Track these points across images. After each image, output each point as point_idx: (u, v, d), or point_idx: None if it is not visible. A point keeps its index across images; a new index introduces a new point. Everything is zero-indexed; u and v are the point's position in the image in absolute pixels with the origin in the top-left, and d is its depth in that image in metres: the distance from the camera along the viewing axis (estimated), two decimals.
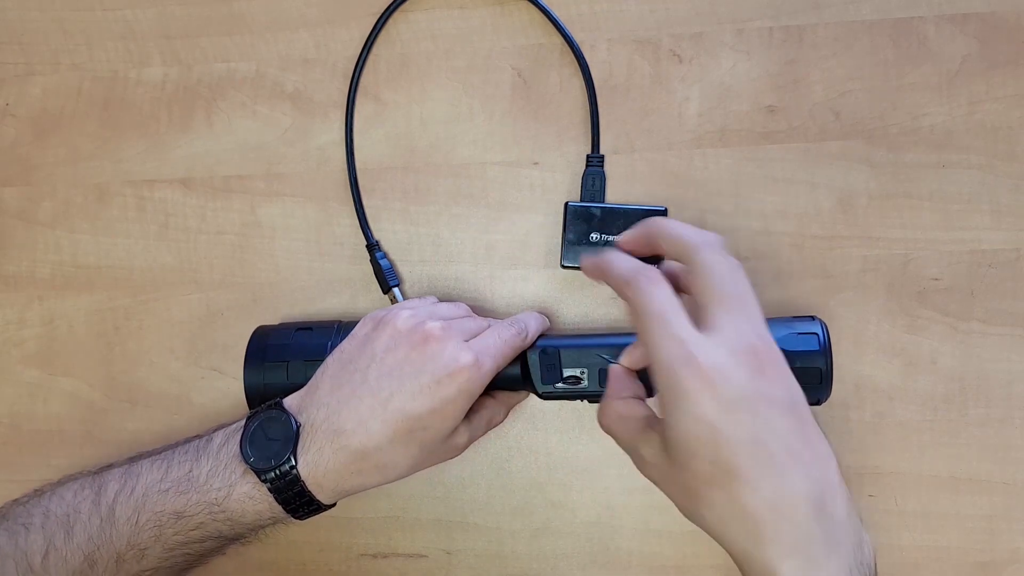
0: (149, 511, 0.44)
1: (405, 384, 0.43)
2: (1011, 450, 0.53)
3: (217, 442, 0.46)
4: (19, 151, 0.59)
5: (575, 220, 0.54)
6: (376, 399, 0.43)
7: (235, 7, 0.58)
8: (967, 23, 0.54)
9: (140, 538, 0.44)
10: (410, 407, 0.43)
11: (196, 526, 0.44)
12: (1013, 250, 0.53)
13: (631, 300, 0.37)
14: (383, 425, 0.43)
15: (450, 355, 0.44)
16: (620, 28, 0.56)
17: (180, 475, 0.45)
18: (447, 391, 0.43)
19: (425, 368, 0.44)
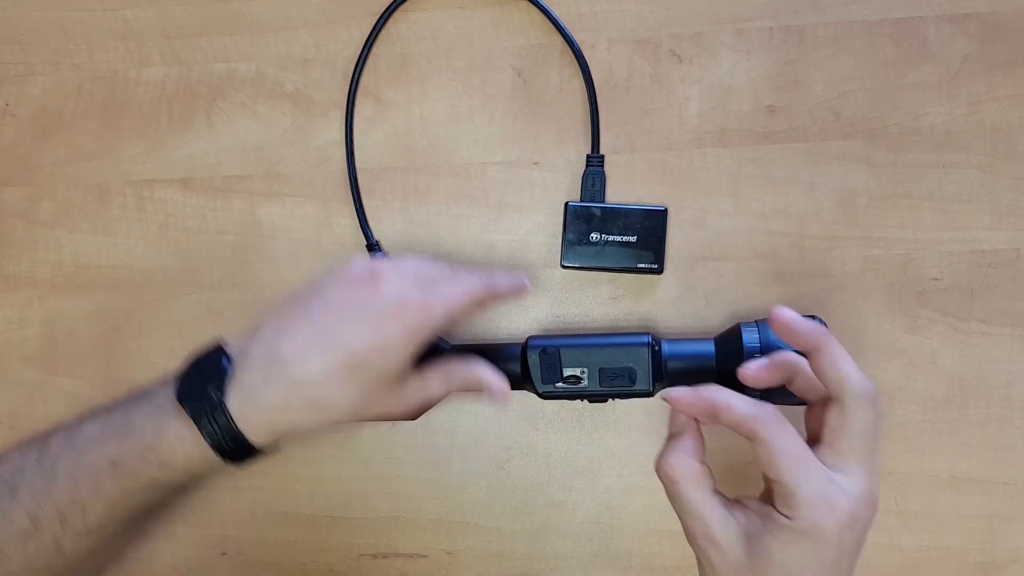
0: (87, 464, 0.42)
1: (347, 317, 0.41)
2: (1011, 450, 0.53)
3: (155, 387, 0.44)
4: (19, 151, 0.59)
5: (575, 220, 0.54)
6: (315, 330, 0.41)
7: (235, 7, 0.58)
8: (967, 23, 0.54)
9: (80, 493, 0.42)
10: (350, 339, 0.41)
11: (131, 474, 0.42)
12: (1013, 250, 0.53)
13: (762, 437, 0.37)
14: (320, 357, 0.41)
15: (397, 291, 0.42)
16: (620, 28, 0.56)
17: (118, 423, 0.43)
18: (390, 327, 0.41)
19: (370, 303, 0.42)
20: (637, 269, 0.53)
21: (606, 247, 0.53)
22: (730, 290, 0.54)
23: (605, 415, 0.55)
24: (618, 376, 0.48)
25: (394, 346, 0.42)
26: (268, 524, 0.56)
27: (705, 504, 0.39)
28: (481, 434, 0.56)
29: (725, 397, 0.39)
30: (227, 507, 0.56)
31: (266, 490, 0.56)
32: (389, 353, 0.42)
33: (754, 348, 0.47)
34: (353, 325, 0.41)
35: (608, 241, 0.53)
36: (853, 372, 0.38)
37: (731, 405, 0.38)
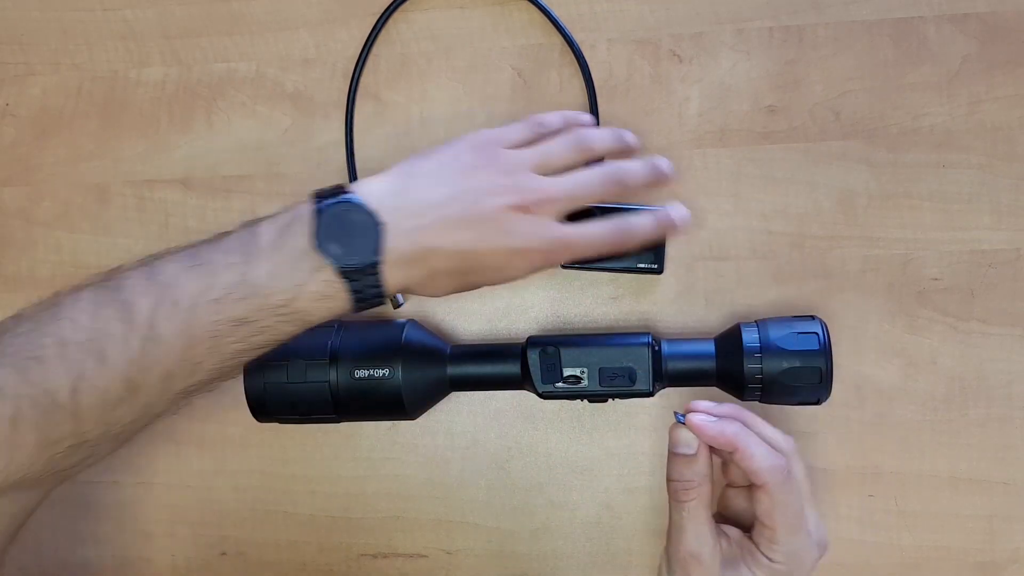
0: (203, 323, 0.41)
1: (491, 239, 0.43)
2: (1011, 450, 0.53)
3: (267, 238, 0.42)
4: (19, 151, 0.59)
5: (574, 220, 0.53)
6: (461, 233, 0.43)
7: (235, 7, 0.58)
8: (967, 23, 0.54)
9: (194, 352, 0.41)
10: (484, 252, 0.43)
11: (259, 331, 0.42)
12: (1013, 250, 0.53)
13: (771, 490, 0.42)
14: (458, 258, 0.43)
15: (538, 231, 0.44)
16: (620, 28, 0.56)
17: (232, 280, 0.41)
18: (518, 262, 0.44)
19: (513, 229, 0.43)
20: (637, 269, 0.53)
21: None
22: (730, 290, 0.54)
23: (605, 415, 0.55)
24: (618, 376, 0.48)
25: (512, 275, 0.45)
26: (268, 524, 0.56)
27: (702, 523, 0.43)
28: (481, 434, 0.56)
29: (748, 443, 0.42)
30: (227, 507, 0.56)
31: (266, 490, 0.56)
32: (505, 277, 0.45)
33: (754, 348, 0.47)
34: (493, 248, 0.43)
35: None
36: (765, 460, 0.42)
37: (753, 455, 0.42)
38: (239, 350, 0.42)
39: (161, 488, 0.57)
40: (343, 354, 0.49)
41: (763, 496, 0.42)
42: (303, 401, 0.49)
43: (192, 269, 0.41)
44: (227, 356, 0.42)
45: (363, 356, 0.49)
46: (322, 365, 0.49)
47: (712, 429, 0.43)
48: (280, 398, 0.49)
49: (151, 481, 0.57)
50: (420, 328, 0.52)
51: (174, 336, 0.40)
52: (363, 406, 0.50)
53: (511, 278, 0.45)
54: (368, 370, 0.49)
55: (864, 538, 0.53)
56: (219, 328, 0.41)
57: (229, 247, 0.42)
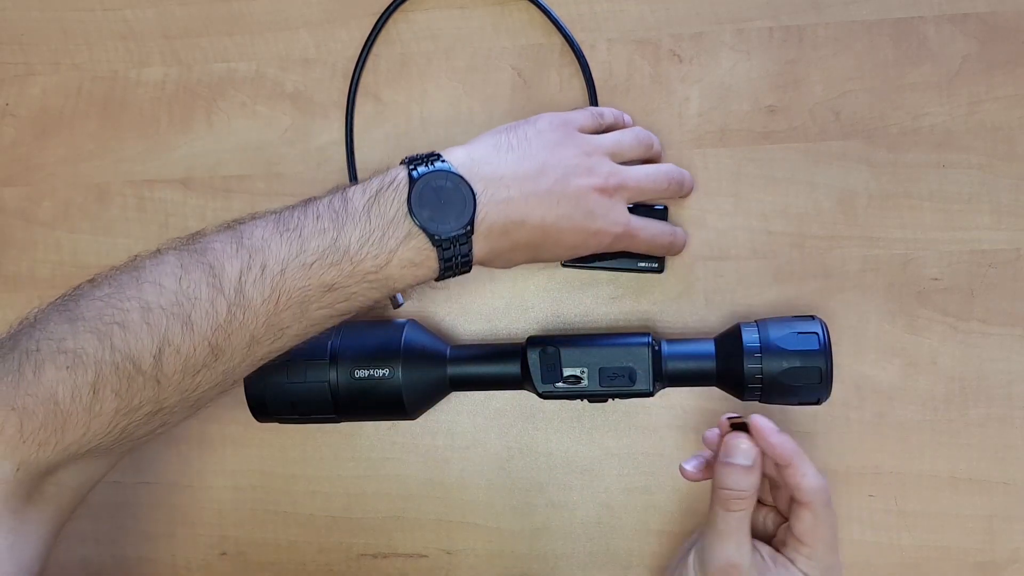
0: (292, 288, 0.41)
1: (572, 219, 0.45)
2: (1011, 450, 0.53)
3: (358, 205, 0.42)
4: (19, 151, 0.59)
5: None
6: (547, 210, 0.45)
7: (235, 7, 0.58)
8: (967, 23, 0.54)
9: (280, 317, 0.41)
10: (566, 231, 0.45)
11: (347, 297, 0.42)
12: (1013, 250, 0.53)
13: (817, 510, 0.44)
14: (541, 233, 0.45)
15: (612, 215, 0.47)
16: (620, 28, 0.56)
17: (323, 246, 0.41)
18: (591, 242, 0.47)
19: (593, 210, 0.46)
20: (637, 268, 0.54)
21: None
22: (730, 290, 0.54)
23: (605, 415, 0.55)
24: (618, 376, 0.48)
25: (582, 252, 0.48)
26: (268, 524, 0.56)
27: (745, 533, 0.44)
28: (481, 434, 0.56)
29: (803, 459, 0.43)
30: (227, 507, 0.56)
31: (266, 490, 0.56)
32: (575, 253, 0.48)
33: (754, 348, 0.47)
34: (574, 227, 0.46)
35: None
36: (816, 479, 0.43)
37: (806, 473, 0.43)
38: (324, 316, 0.42)
39: (161, 488, 0.57)
40: (343, 354, 0.49)
41: (806, 514, 0.43)
42: (303, 401, 0.49)
43: (282, 234, 0.41)
44: (312, 322, 0.42)
45: (363, 356, 0.49)
46: (322, 365, 0.49)
47: (777, 436, 0.43)
48: (280, 398, 0.49)
49: (151, 481, 0.57)
50: (420, 328, 0.52)
51: (261, 301, 0.40)
52: (363, 406, 0.50)
53: (578, 255, 0.48)
54: (368, 370, 0.49)
55: (864, 538, 0.53)
56: (307, 294, 0.41)
57: (320, 212, 0.42)
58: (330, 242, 0.41)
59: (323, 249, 0.41)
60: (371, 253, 0.41)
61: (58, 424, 0.39)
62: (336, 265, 0.41)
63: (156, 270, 0.41)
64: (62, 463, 0.41)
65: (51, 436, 0.39)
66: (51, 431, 0.39)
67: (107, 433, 0.40)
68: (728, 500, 0.43)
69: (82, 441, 0.40)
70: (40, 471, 0.40)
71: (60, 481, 0.42)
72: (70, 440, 0.40)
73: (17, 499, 0.40)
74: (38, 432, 0.39)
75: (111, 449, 0.42)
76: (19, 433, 0.39)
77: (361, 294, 0.42)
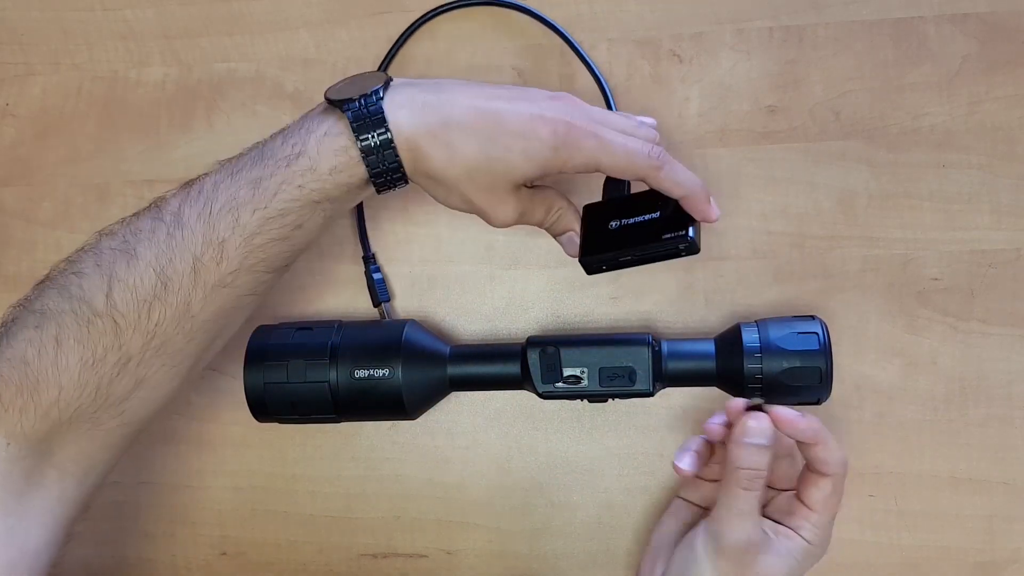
0: (223, 197, 0.41)
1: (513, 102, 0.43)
2: (1011, 450, 0.53)
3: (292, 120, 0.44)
4: (19, 151, 0.59)
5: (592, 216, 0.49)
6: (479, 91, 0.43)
7: (235, 7, 0.58)
8: (967, 23, 0.54)
9: (216, 231, 0.41)
10: (504, 110, 0.42)
11: (275, 190, 0.41)
12: (1013, 250, 0.53)
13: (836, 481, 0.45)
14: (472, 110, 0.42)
15: (567, 110, 0.43)
16: (620, 28, 0.56)
17: (252, 157, 0.43)
18: (540, 127, 0.42)
19: (538, 100, 0.43)
20: (664, 243, 0.45)
21: (628, 231, 0.47)
22: (730, 290, 0.54)
23: (605, 415, 0.55)
24: (618, 376, 0.48)
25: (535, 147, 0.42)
26: (268, 524, 0.56)
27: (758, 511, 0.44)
28: (481, 434, 0.56)
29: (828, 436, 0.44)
30: (227, 507, 0.56)
31: (266, 490, 0.56)
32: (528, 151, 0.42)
33: (754, 348, 0.47)
34: (512, 104, 0.43)
35: (628, 224, 0.47)
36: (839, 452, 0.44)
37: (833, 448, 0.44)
38: (260, 222, 0.41)
39: (161, 488, 0.57)
40: (343, 354, 0.49)
41: (827, 484, 0.44)
42: (303, 401, 0.49)
43: (221, 167, 0.43)
44: (251, 229, 0.41)
45: (363, 356, 0.49)
46: (322, 365, 0.49)
47: (803, 422, 0.44)
48: (280, 398, 0.49)
49: (151, 481, 0.57)
50: (420, 328, 0.52)
51: (195, 218, 0.41)
52: (363, 406, 0.50)
53: (537, 157, 0.42)
54: (368, 370, 0.49)
55: (864, 538, 0.53)
56: (236, 197, 0.41)
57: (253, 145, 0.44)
58: (258, 151, 0.43)
59: (250, 158, 0.42)
60: (290, 141, 0.42)
61: (31, 385, 0.40)
62: (259, 162, 0.42)
63: (112, 225, 0.43)
64: (51, 435, 0.41)
65: (28, 400, 0.40)
66: (27, 395, 0.40)
67: (80, 389, 0.40)
68: (748, 479, 0.43)
69: (60, 403, 0.40)
70: (33, 446, 0.41)
71: (60, 465, 0.42)
72: (47, 403, 0.40)
73: (16, 479, 0.40)
74: (15, 398, 0.40)
75: (96, 418, 0.42)
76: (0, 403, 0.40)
77: (289, 183, 0.41)
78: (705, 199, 0.45)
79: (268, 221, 0.41)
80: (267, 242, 0.42)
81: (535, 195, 0.46)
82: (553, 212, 0.47)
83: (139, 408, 0.44)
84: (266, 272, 0.43)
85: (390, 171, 0.42)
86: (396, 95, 0.42)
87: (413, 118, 0.42)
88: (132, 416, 0.44)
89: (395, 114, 0.41)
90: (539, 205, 0.47)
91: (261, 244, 0.42)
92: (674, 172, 0.44)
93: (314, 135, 0.42)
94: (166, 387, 0.44)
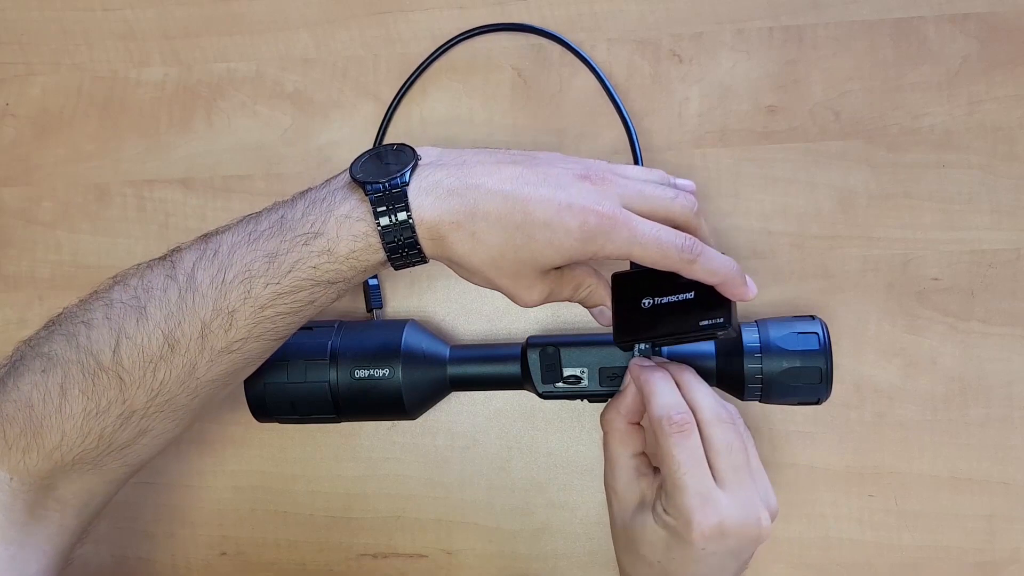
0: (237, 265, 0.40)
1: (541, 188, 0.40)
2: (1011, 450, 0.53)
3: (316, 187, 0.42)
4: (19, 151, 0.59)
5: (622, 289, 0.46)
6: (506, 174, 0.41)
7: (235, 7, 0.58)
8: (967, 23, 0.54)
9: (227, 299, 0.40)
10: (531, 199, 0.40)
11: (290, 267, 0.40)
12: (1013, 250, 0.53)
13: (662, 442, 0.41)
14: (500, 199, 0.40)
15: (596, 197, 0.40)
16: (620, 28, 0.56)
17: (271, 223, 0.41)
18: (568, 219, 0.40)
19: (567, 184, 0.40)
20: (701, 328, 0.43)
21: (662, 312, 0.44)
22: None
23: None
24: (618, 376, 0.48)
25: (563, 238, 0.40)
26: (268, 524, 0.56)
27: (620, 462, 0.44)
28: (481, 434, 0.56)
29: (653, 387, 0.42)
30: (227, 507, 0.56)
31: (266, 490, 0.56)
32: (555, 241, 0.40)
33: (754, 348, 0.47)
34: (543, 197, 0.40)
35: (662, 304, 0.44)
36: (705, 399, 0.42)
37: (651, 399, 0.42)
38: (272, 296, 0.40)
39: (161, 488, 0.57)
40: (343, 354, 0.49)
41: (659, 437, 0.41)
42: (303, 401, 0.49)
43: (239, 223, 0.42)
44: (261, 304, 0.40)
45: (363, 356, 0.49)
46: (322, 365, 0.49)
47: (634, 371, 0.44)
48: (280, 398, 0.49)
49: (151, 481, 0.57)
50: (420, 328, 0.52)
51: (208, 283, 0.40)
52: (363, 406, 0.50)
53: (564, 247, 0.40)
54: (368, 370, 0.49)
55: (864, 538, 0.53)
56: (251, 268, 0.40)
57: (279, 204, 0.42)
58: (277, 219, 0.41)
59: (270, 226, 0.41)
60: (310, 217, 0.40)
61: (35, 428, 0.40)
62: (278, 234, 0.40)
63: (130, 272, 0.42)
64: (54, 474, 0.42)
65: (31, 441, 0.40)
66: (30, 436, 0.40)
67: (82, 437, 0.41)
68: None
69: (62, 447, 0.41)
70: (35, 482, 0.41)
71: (62, 499, 0.43)
72: (49, 445, 0.41)
73: (18, 511, 0.41)
74: (20, 438, 0.40)
75: (99, 461, 0.42)
76: (3, 440, 0.41)
77: (305, 263, 0.40)
78: (741, 282, 0.43)
79: (280, 296, 0.41)
80: (277, 315, 0.41)
81: (563, 275, 0.45)
82: (583, 289, 0.46)
83: (141, 452, 0.44)
84: (273, 340, 0.43)
85: (410, 255, 0.41)
86: (421, 180, 0.41)
87: (438, 206, 0.40)
88: (134, 459, 0.44)
89: (419, 200, 0.40)
90: (567, 284, 0.45)
91: (271, 316, 0.41)
92: (708, 262, 0.42)
93: (334, 215, 0.40)
94: (169, 435, 0.44)
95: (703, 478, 0.40)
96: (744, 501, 0.41)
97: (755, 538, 0.41)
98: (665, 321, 0.44)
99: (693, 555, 0.40)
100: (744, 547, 0.41)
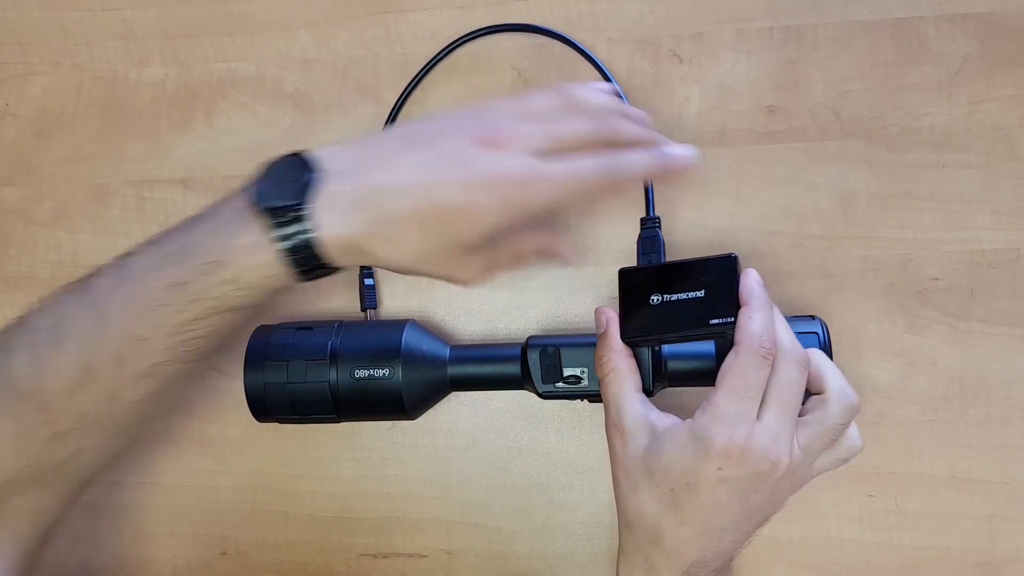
0: (145, 294, 0.39)
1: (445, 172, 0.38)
2: (1011, 450, 0.53)
3: (216, 205, 0.41)
4: (19, 151, 0.59)
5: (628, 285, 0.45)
6: (412, 172, 0.38)
7: (235, 7, 0.58)
8: (967, 23, 0.54)
9: (138, 328, 0.39)
10: (441, 195, 0.38)
11: (197, 296, 0.39)
12: (1013, 250, 0.53)
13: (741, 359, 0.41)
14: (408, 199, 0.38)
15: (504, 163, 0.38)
16: (620, 28, 0.56)
17: (177, 246, 0.40)
18: (481, 197, 0.38)
19: (472, 160, 0.38)
20: (710, 326, 0.43)
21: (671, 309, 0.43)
22: None
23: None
24: None
25: (481, 216, 0.38)
26: (268, 524, 0.56)
27: (626, 398, 0.44)
28: (481, 434, 0.56)
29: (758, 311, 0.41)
30: (227, 507, 0.56)
31: (266, 490, 0.56)
32: (474, 221, 0.38)
33: None
34: (450, 180, 0.38)
35: (671, 302, 0.44)
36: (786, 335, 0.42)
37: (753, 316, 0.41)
38: (183, 323, 0.40)
39: (161, 488, 0.57)
40: (343, 354, 0.49)
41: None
42: (303, 401, 0.49)
43: (149, 245, 0.41)
44: (173, 330, 0.40)
45: (363, 356, 0.49)
46: (322, 365, 0.49)
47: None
48: (280, 398, 0.49)
49: (151, 481, 0.57)
50: (420, 328, 0.52)
51: (119, 312, 0.39)
52: (363, 406, 0.50)
53: (485, 223, 0.38)
54: (368, 370, 0.49)
55: (864, 538, 0.53)
56: (159, 297, 0.39)
57: (181, 223, 0.41)
58: (181, 243, 0.40)
59: (174, 251, 0.40)
60: (213, 241, 0.39)
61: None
62: (183, 261, 0.39)
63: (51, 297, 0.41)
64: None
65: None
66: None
67: (15, 457, 0.41)
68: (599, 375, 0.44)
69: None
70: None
71: (14, 511, 0.43)
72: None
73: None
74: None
75: (41, 478, 0.42)
76: None
77: (212, 291, 0.39)
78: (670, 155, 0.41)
79: (190, 323, 0.40)
80: (192, 339, 0.41)
81: (496, 246, 0.42)
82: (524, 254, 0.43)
83: (83, 469, 0.43)
84: (196, 360, 0.42)
85: (319, 273, 0.40)
86: (324, 197, 0.38)
87: (346, 221, 0.38)
88: (77, 475, 0.44)
89: (325, 219, 0.38)
90: (504, 255, 0.43)
91: (187, 340, 0.41)
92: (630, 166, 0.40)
93: (236, 243, 0.39)
94: (111, 449, 0.44)
95: (751, 404, 0.40)
96: (775, 434, 0.40)
97: (767, 473, 0.40)
98: (674, 319, 0.43)
99: (708, 476, 0.40)
100: (757, 483, 0.40)
